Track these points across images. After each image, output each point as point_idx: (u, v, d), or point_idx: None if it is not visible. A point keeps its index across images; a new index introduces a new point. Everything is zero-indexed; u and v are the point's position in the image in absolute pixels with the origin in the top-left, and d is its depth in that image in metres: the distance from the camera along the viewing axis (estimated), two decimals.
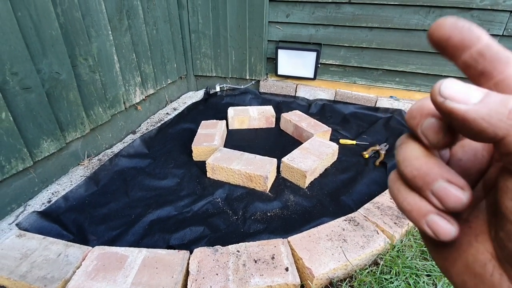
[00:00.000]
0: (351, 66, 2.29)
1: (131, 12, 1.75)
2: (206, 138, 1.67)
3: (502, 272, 0.15)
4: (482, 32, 0.15)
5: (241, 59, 2.43)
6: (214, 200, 1.33)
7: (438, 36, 0.16)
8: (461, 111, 0.14)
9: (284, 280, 0.89)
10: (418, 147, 0.17)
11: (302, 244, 1.01)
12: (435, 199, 0.16)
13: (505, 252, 0.15)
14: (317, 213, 1.28)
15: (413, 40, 2.04)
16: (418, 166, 0.16)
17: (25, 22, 1.16)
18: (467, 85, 0.14)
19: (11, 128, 1.15)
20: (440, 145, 0.16)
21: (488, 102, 0.13)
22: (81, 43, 1.42)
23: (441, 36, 0.16)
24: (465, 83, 0.15)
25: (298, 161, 1.43)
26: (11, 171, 1.18)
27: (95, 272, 0.90)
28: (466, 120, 0.14)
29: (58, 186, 1.39)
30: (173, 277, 0.90)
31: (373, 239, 1.04)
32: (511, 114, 0.13)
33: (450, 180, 0.16)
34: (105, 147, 1.72)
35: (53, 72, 1.30)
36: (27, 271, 0.92)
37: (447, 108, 0.14)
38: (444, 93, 0.14)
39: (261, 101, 2.41)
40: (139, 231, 1.17)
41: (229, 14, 2.26)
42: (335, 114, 2.19)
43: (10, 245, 1.01)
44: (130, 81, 1.83)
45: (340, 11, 2.10)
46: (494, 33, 1.86)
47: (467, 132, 0.14)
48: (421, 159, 0.16)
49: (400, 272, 0.97)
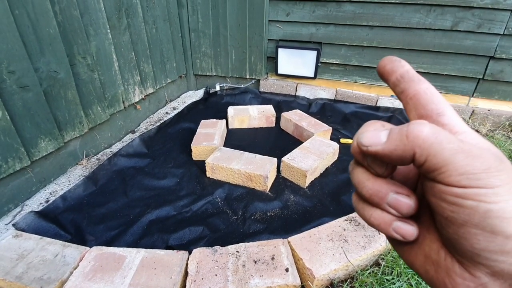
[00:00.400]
0: (352, 65, 2.27)
1: (130, 11, 1.73)
2: (206, 137, 1.65)
3: (452, 257, 0.18)
4: (404, 63, 0.22)
5: (241, 58, 2.42)
6: (214, 200, 1.32)
7: (379, 67, 0.22)
8: (380, 150, 0.18)
9: (284, 281, 0.88)
10: (365, 171, 0.21)
11: (302, 244, 1.00)
12: (392, 209, 0.20)
13: (443, 238, 0.19)
14: (318, 213, 1.26)
15: (414, 39, 2.03)
16: (371, 186, 0.20)
17: (23, 20, 1.15)
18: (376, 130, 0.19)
19: (8, 127, 1.14)
20: (385, 175, 0.20)
21: (391, 137, 0.18)
22: (79, 42, 1.41)
23: (380, 66, 0.22)
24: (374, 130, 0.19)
25: (299, 161, 1.42)
26: (8, 170, 1.17)
27: (92, 273, 0.89)
28: (386, 154, 0.18)
29: (56, 186, 1.37)
30: (172, 278, 0.88)
31: (374, 239, 1.03)
32: (409, 136, 0.17)
33: (397, 191, 0.20)
34: (104, 146, 1.70)
35: (51, 70, 1.29)
36: (23, 272, 0.91)
37: (372, 152, 0.19)
38: (365, 143, 0.19)
39: (261, 101, 2.40)
40: (137, 231, 1.16)
41: (229, 13, 2.25)
42: (336, 114, 2.18)
43: (6, 245, 1.00)
44: (129, 80, 1.81)
45: (340, 9, 2.09)
46: (495, 32, 1.85)
47: (394, 161, 0.19)
48: (371, 180, 0.20)
49: (402, 273, 0.96)
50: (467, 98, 2.11)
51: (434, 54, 2.04)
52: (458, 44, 1.96)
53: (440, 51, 2.01)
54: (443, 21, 1.92)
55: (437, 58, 2.05)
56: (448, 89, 2.13)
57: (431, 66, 2.09)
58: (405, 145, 0.17)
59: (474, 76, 2.03)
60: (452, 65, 2.04)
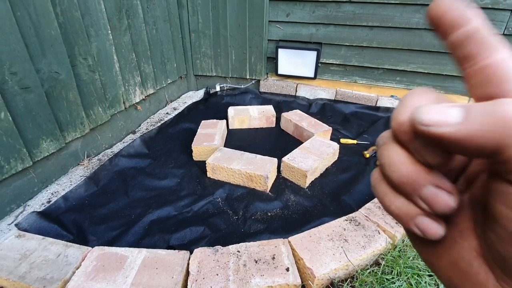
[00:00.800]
0: (352, 65, 2.28)
1: (130, 12, 1.74)
2: (206, 138, 1.66)
3: (488, 270, 0.15)
4: (476, 14, 0.15)
5: (241, 58, 2.43)
6: (214, 200, 1.33)
7: (434, 12, 0.16)
8: (450, 134, 0.13)
9: (285, 281, 0.89)
10: (403, 152, 0.16)
11: (303, 244, 1.00)
12: (424, 204, 0.16)
13: (493, 252, 0.15)
14: (318, 213, 1.27)
15: (414, 39, 2.04)
16: (406, 173, 0.16)
17: (24, 21, 1.15)
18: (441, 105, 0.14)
19: (10, 128, 1.14)
20: (438, 165, 0.15)
21: (472, 118, 0.13)
22: (80, 43, 1.42)
23: (436, 13, 0.16)
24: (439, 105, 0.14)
25: (299, 161, 1.42)
26: (10, 171, 1.17)
27: (94, 273, 0.89)
28: (457, 140, 0.13)
29: (57, 186, 1.38)
30: (173, 277, 0.89)
31: (374, 239, 1.03)
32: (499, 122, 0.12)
33: (438, 185, 0.15)
34: (105, 147, 1.71)
35: (52, 71, 1.30)
36: (26, 271, 0.92)
37: (434, 134, 0.13)
38: (426, 121, 0.13)
39: (261, 101, 2.41)
40: (139, 231, 1.17)
41: (229, 14, 2.26)
42: (336, 114, 2.18)
43: (9, 245, 1.01)
44: (130, 80, 1.82)
45: (340, 10, 2.09)
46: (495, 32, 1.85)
47: (464, 150, 0.13)
48: (408, 166, 0.16)
49: (401, 272, 0.96)
50: (466, 98, 2.12)
51: (434, 54, 2.04)
52: None
53: (440, 51, 2.02)
54: None
55: (437, 58, 2.05)
56: (448, 89, 2.14)
57: (431, 66, 2.09)
58: (492, 131, 0.12)
59: None
60: (452, 65, 2.04)
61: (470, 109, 0.13)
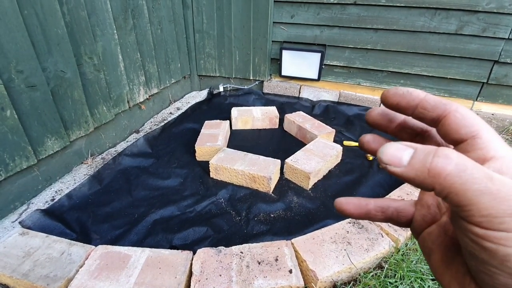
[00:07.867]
0: (356, 67, 2.28)
1: (136, 12, 1.75)
2: (210, 138, 1.66)
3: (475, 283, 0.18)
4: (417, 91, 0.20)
5: (245, 59, 2.43)
6: (217, 200, 1.33)
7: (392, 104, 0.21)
8: (399, 173, 0.17)
9: (288, 282, 0.88)
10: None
11: (306, 246, 1.00)
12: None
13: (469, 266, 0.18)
14: (321, 215, 1.27)
15: (419, 42, 2.03)
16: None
17: (31, 20, 1.16)
18: (399, 145, 0.17)
19: (15, 126, 1.15)
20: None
21: (413, 164, 0.16)
22: (86, 42, 1.42)
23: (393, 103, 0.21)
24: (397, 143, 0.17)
25: (302, 163, 1.42)
26: (15, 168, 1.18)
27: (98, 271, 0.90)
28: (406, 179, 0.17)
29: (61, 185, 1.39)
30: (176, 277, 0.89)
31: (377, 242, 1.03)
32: (430, 171, 0.16)
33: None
34: (109, 146, 1.72)
35: (58, 70, 1.30)
36: (30, 269, 0.92)
37: (390, 172, 0.17)
38: (383, 160, 0.17)
39: (264, 102, 2.41)
40: (142, 231, 1.17)
41: (234, 15, 2.26)
42: (339, 116, 2.18)
43: (13, 243, 1.01)
44: (134, 80, 1.83)
45: (345, 12, 2.09)
46: (500, 36, 1.85)
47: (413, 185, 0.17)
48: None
49: (405, 276, 0.96)
50: (471, 102, 2.11)
51: (439, 58, 2.04)
52: (463, 48, 1.96)
53: (445, 55, 2.01)
54: (448, 24, 1.92)
55: (441, 62, 2.05)
56: (452, 92, 2.13)
57: (435, 69, 2.09)
58: (425, 178, 0.16)
59: (478, 80, 2.03)
60: (457, 68, 2.04)
61: (415, 155, 0.17)
